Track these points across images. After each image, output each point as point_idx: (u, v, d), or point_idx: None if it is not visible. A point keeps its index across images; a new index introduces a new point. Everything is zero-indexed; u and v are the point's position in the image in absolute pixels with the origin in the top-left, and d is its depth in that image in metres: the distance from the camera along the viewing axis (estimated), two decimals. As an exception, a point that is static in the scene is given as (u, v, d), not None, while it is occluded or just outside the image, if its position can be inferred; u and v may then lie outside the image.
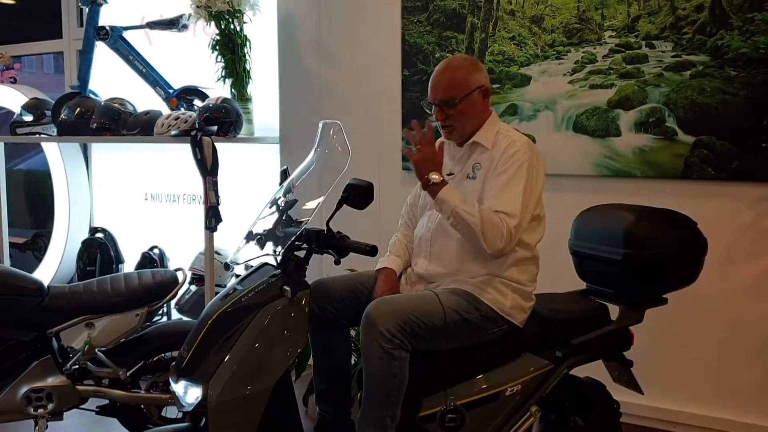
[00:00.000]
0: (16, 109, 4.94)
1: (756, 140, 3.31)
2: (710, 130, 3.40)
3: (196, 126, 4.02)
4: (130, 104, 4.60)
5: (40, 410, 2.96)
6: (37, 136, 4.83)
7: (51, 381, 3.00)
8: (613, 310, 2.67)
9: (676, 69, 3.47)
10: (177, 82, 4.66)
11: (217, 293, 3.00)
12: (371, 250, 2.25)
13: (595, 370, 2.71)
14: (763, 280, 3.38)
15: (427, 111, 2.59)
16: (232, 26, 4.28)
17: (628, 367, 2.69)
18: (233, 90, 4.36)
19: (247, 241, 2.44)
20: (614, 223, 2.62)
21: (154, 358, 3.18)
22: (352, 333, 2.81)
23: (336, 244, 2.28)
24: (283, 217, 2.43)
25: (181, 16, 4.50)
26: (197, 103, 4.49)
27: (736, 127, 3.34)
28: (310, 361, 2.69)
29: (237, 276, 2.53)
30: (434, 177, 2.37)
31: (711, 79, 3.39)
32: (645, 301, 2.66)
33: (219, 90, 4.41)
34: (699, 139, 3.43)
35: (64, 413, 3.05)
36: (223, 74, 4.35)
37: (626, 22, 3.59)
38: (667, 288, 2.66)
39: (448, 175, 2.57)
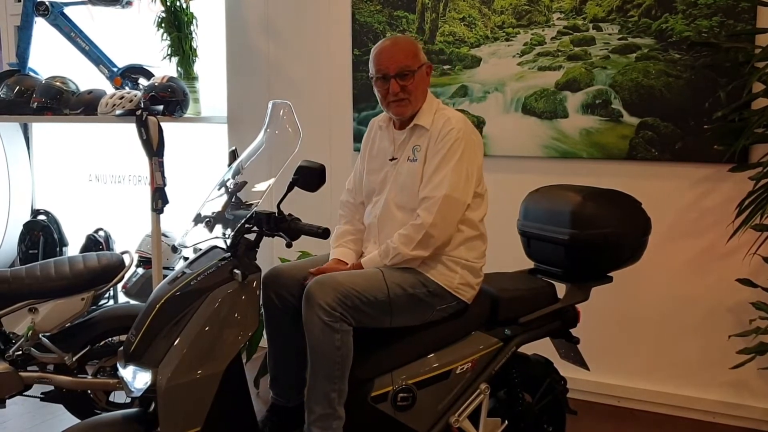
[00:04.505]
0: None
1: (698, 122, 3.39)
2: (654, 112, 3.48)
3: (142, 105, 3.95)
4: (73, 83, 4.48)
5: (-18, 398, 2.89)
6: (-26, 115, 4.66)
7: (-7, 368, 2.93)
8: (560, 289, 2.72)
9: (622, 51, 3.53)
10: (121, 61, 4.55)
11: (165, 276, 2.96)
12: (323, 233, 2.23)
13: (542, 347, 2.76)
14: (703, 257, 3.49)
15: (375, 88, 2.55)
16: (177, 3, 4.19)
17: (575, 344, 2.74)
18: (179, 69, 4.28)
19: (196, 224, 2.40)
20: (561, 203, 2.67)
21: (101, 343, 3.13)
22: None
23: (287, 226, 2.26)
24: (233, 200, 2.40)
25: (124, -8, 4.40)
26: (142, 81, 4.41)
27: (679, 109, 3.42)
28: (261, 343, 2.67)
29: (185, 259, 2.49)
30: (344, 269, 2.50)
31: (655, 61, 3.46)
32: (591, 280, 2.71)
33: (165, 69, 4.32)
34: (643, 120, 3.50)
35: (7, 400, 2.98)
36: (169, 52, 4.27)
37: (574, 5, 3.62)
38: (613, 266, 2.72)
39: (391, 160, 2.57)
